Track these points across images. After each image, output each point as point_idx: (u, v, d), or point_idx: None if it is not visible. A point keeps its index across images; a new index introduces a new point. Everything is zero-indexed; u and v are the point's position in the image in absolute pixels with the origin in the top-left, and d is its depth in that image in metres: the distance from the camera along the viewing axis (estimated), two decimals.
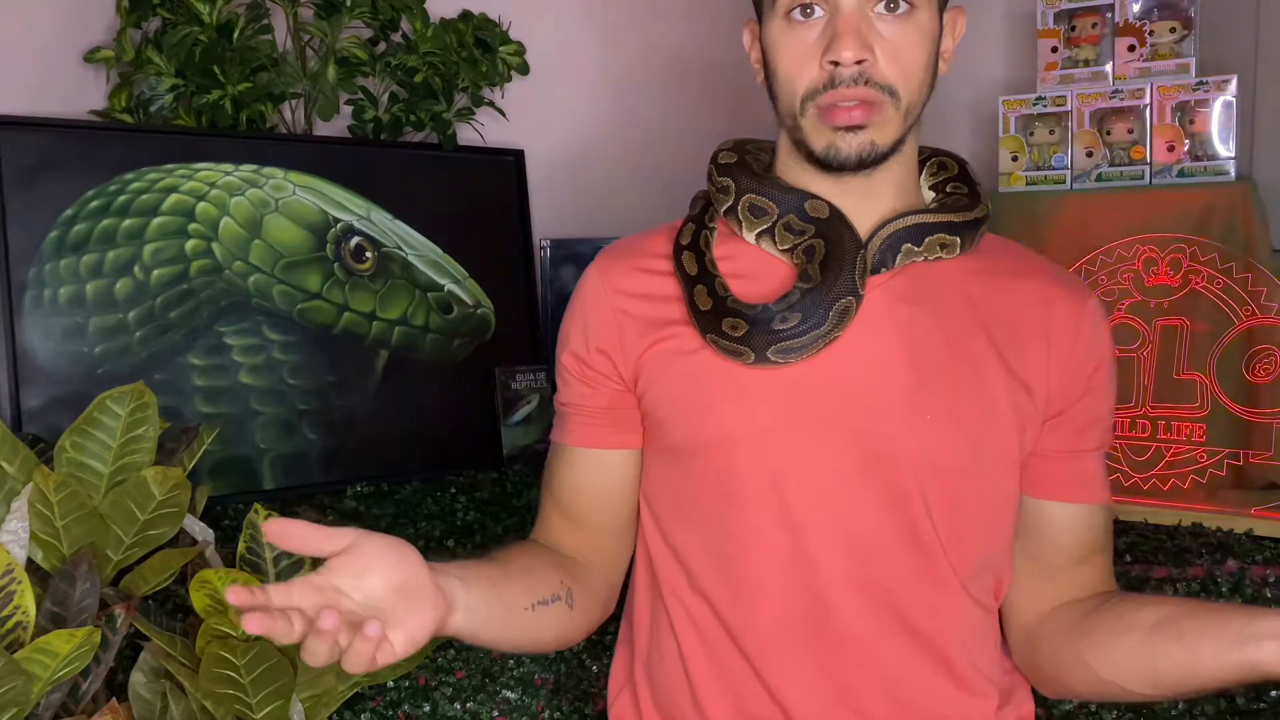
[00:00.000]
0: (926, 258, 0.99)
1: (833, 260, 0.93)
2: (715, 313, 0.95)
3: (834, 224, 0.95)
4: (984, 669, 1.00)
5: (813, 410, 0.95)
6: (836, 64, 0.91)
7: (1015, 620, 1.05)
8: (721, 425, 0.96)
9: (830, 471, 0.94)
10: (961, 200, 1.01)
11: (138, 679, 1.20)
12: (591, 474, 1.04)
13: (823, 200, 0.97)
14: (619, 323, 1.01)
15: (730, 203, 1.01)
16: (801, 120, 0.95)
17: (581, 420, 1.04)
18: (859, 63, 0.91)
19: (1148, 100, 1.61)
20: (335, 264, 1.84)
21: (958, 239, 0.99)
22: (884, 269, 0.98)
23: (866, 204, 0.98)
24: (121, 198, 1.68)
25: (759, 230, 0.99)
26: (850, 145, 0.93)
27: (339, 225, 1.85)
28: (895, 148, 0.96)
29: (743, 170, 1.01)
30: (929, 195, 1.05)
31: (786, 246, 0.98)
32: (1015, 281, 1.00)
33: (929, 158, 1.07)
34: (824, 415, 0.95)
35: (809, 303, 0.92)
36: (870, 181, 0.98)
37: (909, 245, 0.98)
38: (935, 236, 0.98)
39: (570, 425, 1.05)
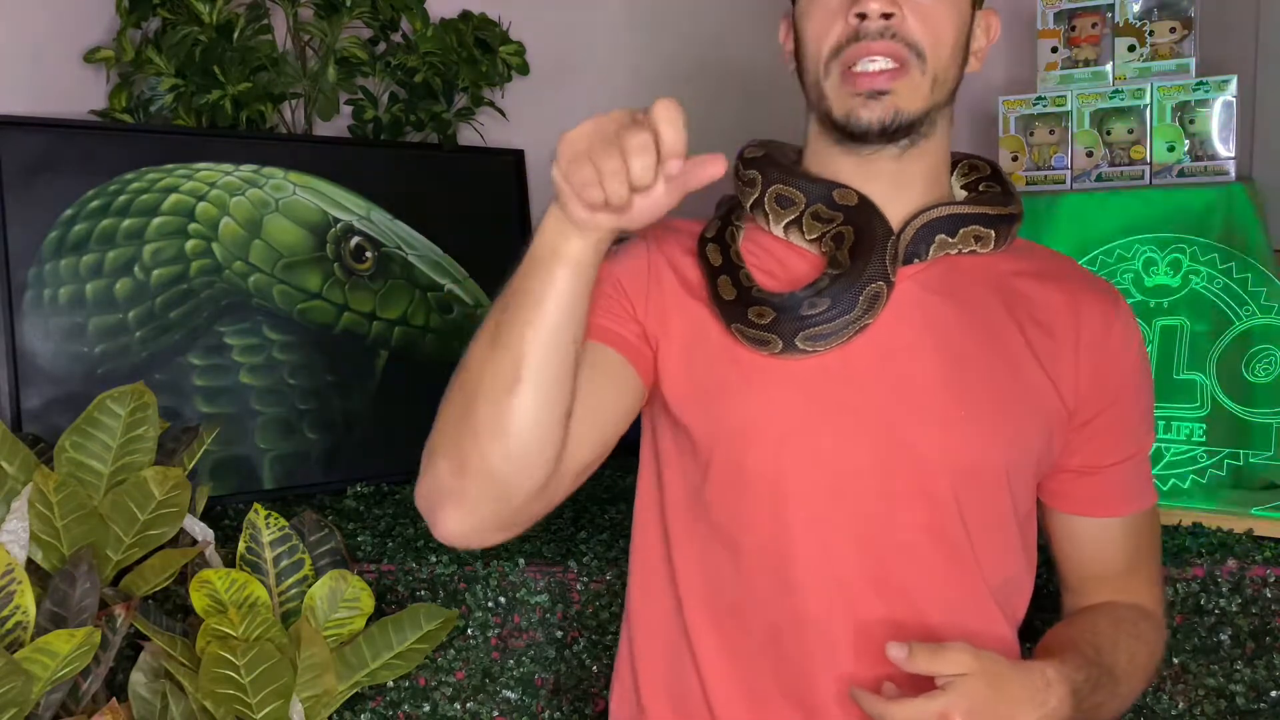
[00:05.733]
0: (961, 250, 0.97)
1: (863, 246, 0.91)
2: (740, 301, 0.92)
3: (863, 211, 0.93)
4: None
5: (837, 402, 0.92)
6: (862, 18, 0.89)
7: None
8: (742, 414, 0.93)
9: (851, 465, 0.92)
10: (996, 196, 1.00)
11: (138, 679, 1.20)
12: (592, 363, 0.92)
13: (851, 189, 0.95)
14: (659, 276, 0.98)
15: (757, 195, 0.98)
16: (825, 84, 0.93)
17: (602, 314, 0.95)
18: (886, 17, 0.89)
19: (1148, 100, 1.61)
20: (335, 264, 1.84)
21: (992, 232, 0.97)
22: (917, 260, 0.95)
23: (897, 194, 0.96)
24: (121, 198, 1.68)
25: (786, 221, 0.97)
26: (872, 111, 0.91)
27: (339, 225, 1.85)
28: (922, 122, 0.93)
29: (769, 162, 0.99)
30: (961, 194, 1.03)
31: (814, 235, 0.96)
32: (1048, 282, 0.98)
33: (960, 160, 1.05)
34: (848, 407, 0.92)
35: (838, 288, 0.90)
36: (900, 166, 0.95)
37: (943, 236, 0.96)
38: (970, 228, 0.96)
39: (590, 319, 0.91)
